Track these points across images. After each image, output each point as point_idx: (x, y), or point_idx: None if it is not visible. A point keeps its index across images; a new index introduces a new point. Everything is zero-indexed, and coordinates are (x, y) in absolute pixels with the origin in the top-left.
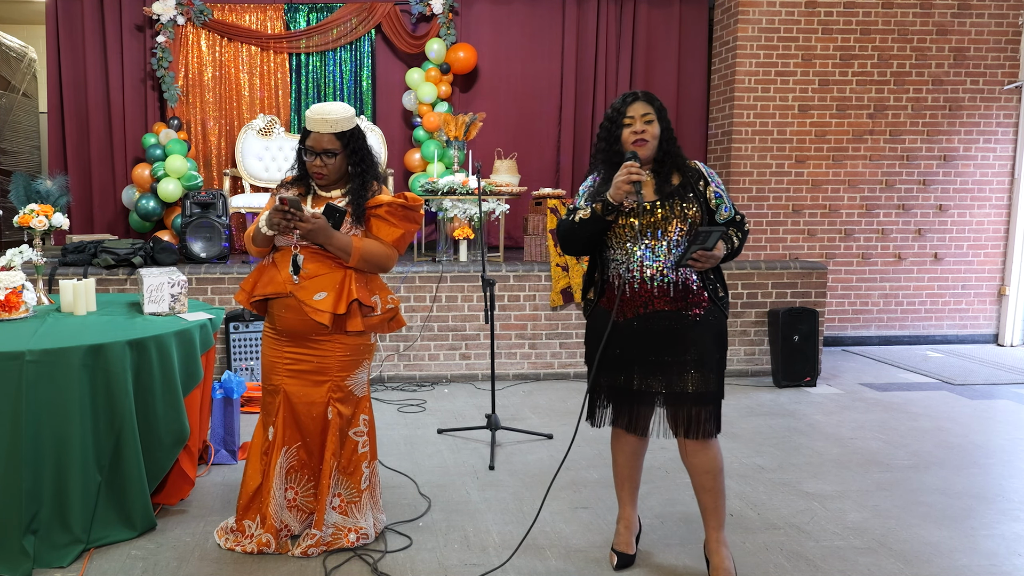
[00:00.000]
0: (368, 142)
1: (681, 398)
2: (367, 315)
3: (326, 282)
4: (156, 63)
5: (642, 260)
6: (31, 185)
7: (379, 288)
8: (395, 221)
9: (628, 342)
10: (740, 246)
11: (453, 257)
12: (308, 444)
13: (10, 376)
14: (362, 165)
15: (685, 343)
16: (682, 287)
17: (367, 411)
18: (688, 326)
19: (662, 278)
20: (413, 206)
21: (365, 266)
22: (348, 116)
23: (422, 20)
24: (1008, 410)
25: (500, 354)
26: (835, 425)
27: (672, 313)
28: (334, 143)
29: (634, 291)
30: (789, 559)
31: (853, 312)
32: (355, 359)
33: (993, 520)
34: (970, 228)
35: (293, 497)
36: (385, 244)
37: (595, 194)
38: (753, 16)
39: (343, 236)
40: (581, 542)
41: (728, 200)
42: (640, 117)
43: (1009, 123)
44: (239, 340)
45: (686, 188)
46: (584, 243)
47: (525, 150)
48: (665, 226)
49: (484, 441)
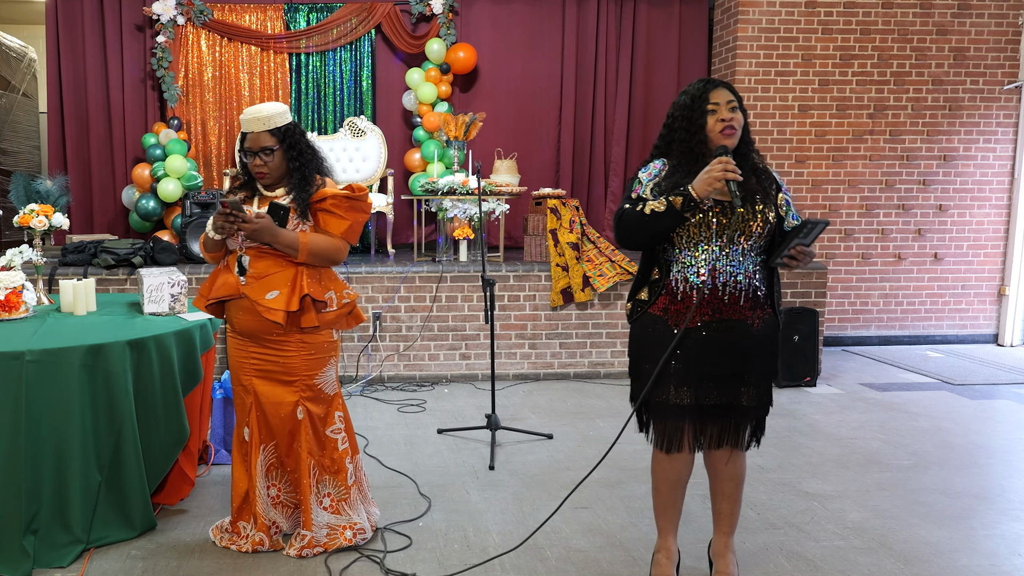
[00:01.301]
0: (307, 137)
1: (736, 411)
2: (322, 311)
3: (277, 280)
4: (156, 63)
5: (715, 264)
6: (31, 185)
7: (333, 283)
8: (341, 213)
9: (691, 353)
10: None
11: (453, 257)
12: (279, 444)
13: (10, 376)
14: (301, 159)
15: (749, 355)
16: (752, 295)
17: (340, 407)
18: (753, 337)
19: (735, 285)
20: (358, 196)
21: (315, 260)
22: (281, 112)
23: (422, 20)
24: (1008, 410)
25: (500, 354)
26: (835, 425)
27: (738, 323)
28: (270, 140)
29: (704, 297)
30: (789, 559)
31: (853, 312)
32: (320, 357)
33: (993, 520)
34: (970, 228)
35: (276, 494)
36: (333, 237)
37: (668, 186)
38: (753, 16)
39: (289, 233)
40: (581, 542)
41: (794, 209)
42: (726, 104)
43: (1009, 123)
44: None
45: (768, 189)
46: (651, 237)
47: (525, 150)
48: (744, 228)
49: (484, 441)
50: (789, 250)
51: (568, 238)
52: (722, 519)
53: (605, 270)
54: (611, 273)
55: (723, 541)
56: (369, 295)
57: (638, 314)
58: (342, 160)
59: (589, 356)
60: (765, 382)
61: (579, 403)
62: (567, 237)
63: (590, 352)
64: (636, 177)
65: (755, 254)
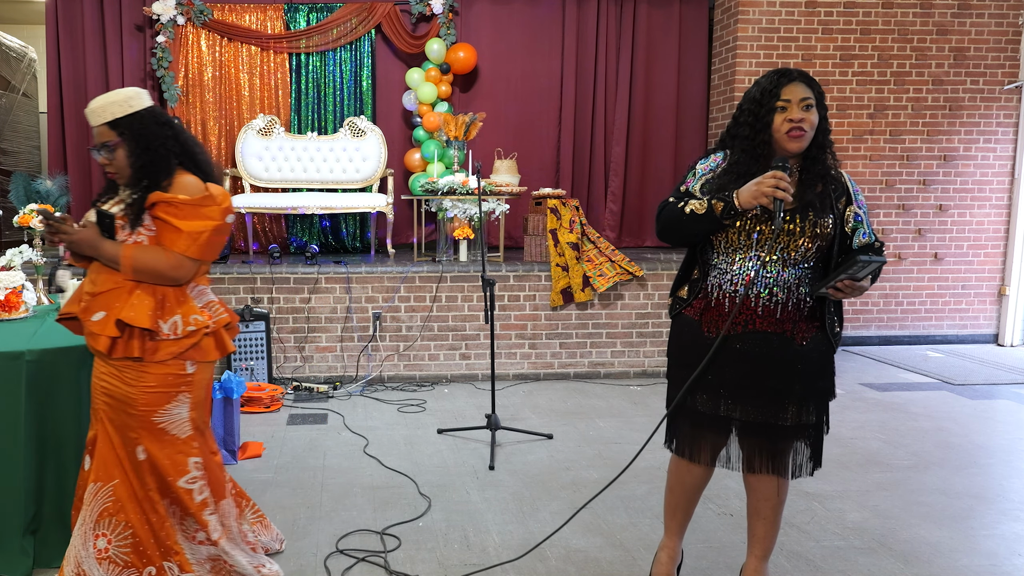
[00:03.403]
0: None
1: (773, 430)
2: (156, 338)
3: (109, 300)
4: (156, 63)
5: (748, 275)
6: (31, 185)
7: (182, 306)
8: (175, 221)
9: (723, 363)
10: (878, 274)
11: (453, 257)
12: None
13: (10, 376)
14: (147, 156)
15: (791, 372)
16: (792, 309)
17: (198, 452)
18: (795, 352)
19: (771, 297)
20: (195, 201)
21: (144, 277)
22: (116, 101)
23: (422, 20)
24: (1008, 410)
25: (500, 354)
26: (835, 425)
27: (776, 336)
28: (108, 134)
29: (734, 306)
30: (789, 559)
31: (853, 312)
32: (161, 392)
33: (993, 520)
34: (970, 228)
35: (105, 547)
36: (167, 250)
37: (719, 185)
38: (753, 16)
39: (113, 246)
40: (581, 542)
41: (868, 223)
42: (798, 102)
43: (1009, 123)
44: (239, 340)
45: (826, 201)
46: (687, 238)
47: (525, 150)
48: (790, 241)
49: (484, 441)
50: (836, 282)
51: (568, 238)
52: (756, 541)
53: (605, 270)
54: (611, 273)
55: (754, 565)
56: (369, 295)
57: (676, 312)
58: (342, 160)
59: (589, 356)
60: (810, 402)
61: (579, 403)
62: (567, 237)
63: (590, 352)
64: (693, 167)
65: (804, 267)
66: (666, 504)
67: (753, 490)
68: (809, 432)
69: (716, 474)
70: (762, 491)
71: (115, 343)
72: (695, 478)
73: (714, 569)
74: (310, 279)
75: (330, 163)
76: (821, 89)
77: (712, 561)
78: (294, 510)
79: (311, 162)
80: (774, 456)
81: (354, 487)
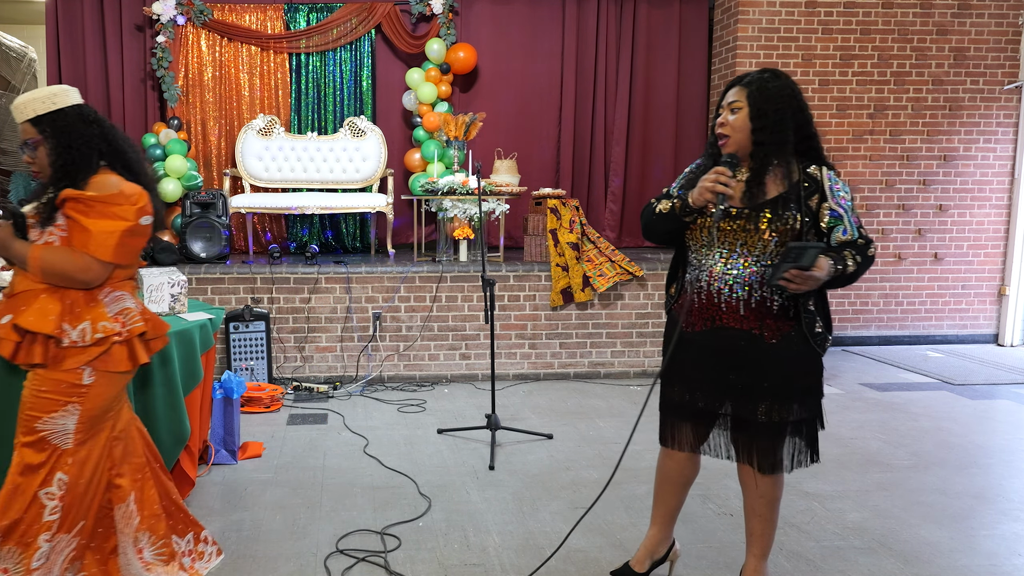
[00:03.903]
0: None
1: (751, 426)
2: (61, 345)
3: (18, 303)
4: (156, 63)
5: (711, 270)
6: (31, 185)
7: (92, 311)
8: (83, 220)
9: (696, 356)
10: (858, 272)
11: (453, 257)
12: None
13: (10, 377)
14: (67, 155)
15: (758, 369)
16: (756, 306)
17: (68, 469)
18: (763, 350)
19: (730, 293)
20: (105, 199)
21: (52, 279)
22: (39, 97)
23: (422, 20)
24: (1008, 410)
25: (500, 354)
26: (835, 425)
27: (742, 332)
28: (30, 131)
29: (702, 302)
30: (789, 559)
31: (853, 312)
32: (50, 398)
33: (993, 520)
34: (970, 228)
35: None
36: (76, 251)
37: (689, 184)
38: (753, 16)
39: (23, 245)
40: (581, 542)
41: (851, 220)
42: (727, 106)
43: (1009, 123)
44: (239, 340)
45: (787, 200)
46: (662, 236)
47: (525, 150)
48: (746, 238)
49: (484, 441)
50: (781, 274)
51: (568, 238)
52: (753, 539)
53: (605, 270)
54: (611, 273)
55: (753, 564)
56: (369, 295)
57: (668, 308)
58: (342, 160)
59: (589, 356)
60: (789, 401)
61: (579, 403)
62: (567, 237)
63: (590, 352)
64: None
65: (767, 264)
66: (653, 494)
67: (746, 487)
68: (794, 429)
69: (716, 474)
70: (752, 487)
71: (18, 348)
72: (673, 468)
73: (714, 569)
74: (310, 279)
75: (330, 163)
76: (767, 90)
77: (712, 561)
78: (294, 510)
79: (311, 162)
80: (751, 451)
81: (354, 487)
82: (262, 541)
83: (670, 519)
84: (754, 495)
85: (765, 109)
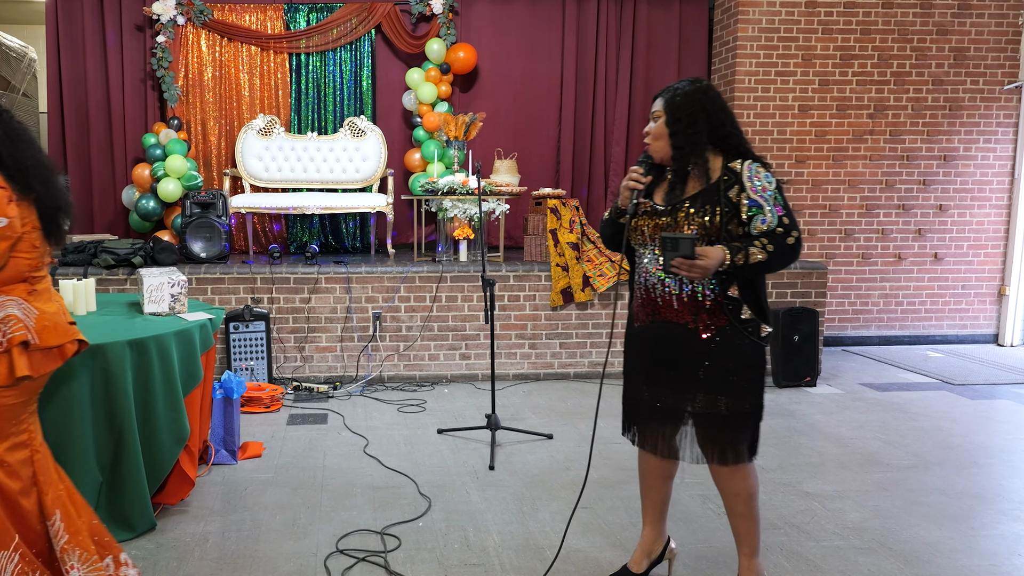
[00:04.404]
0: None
1: (686, 417)
2: None
3: None
4: (156, 63)
5: (646, 267)
6: None
7: None
8: None
9: (641, 351)
10: (773, 259)
11: (453, 257)
12: None
13: None
14: None
15: (694, 360)
16: (688, 300)
17: None
18: (698, 343)
19: (663, 288)
20: None
21: None
22: None
23: (422, 20)
24: (1008, 410)
25: (500, 354)
26: (835, 425)
27: (678, 327)
28: None
29: (644, 297)
30: (789, 559)
31: (853, 312)
32: None
33: (993, 520)
34: (970, 228)
35: None
36: None
37: None
38: (753, 16)
39: None
40: (581, 542)
41: (772, 209)
42: (652, 116)
43: (1009, 123)
44: (239, 340)
45: (707, 195)
46: (613, 241)
47: (525, 150)
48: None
49: (484, 441)
50: (670, 262)
51: (568, 238)
52: (739, 539)
53: (605, 270)
54: (611, 273)
55: (745, 564)
56: (369, 295)
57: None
58: (342, 160)
59: (589, 356)
60: (722, 395)
61: (579, 403)
62: (567, 237)
63: (590, 352)
64: None
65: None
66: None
67: (721, 490)
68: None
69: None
70: (722, 487)
71: None
72: (646, 464)
73: (714, 569)
74: (310, 279)
75: (330, 163)
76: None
77: (712, 561)
78: (294, 510)
79: (311, 162)
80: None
81: (354, 487)
82: (262, 541)
83: (660, 515)
84: (725, 494)
85: (678, 116)
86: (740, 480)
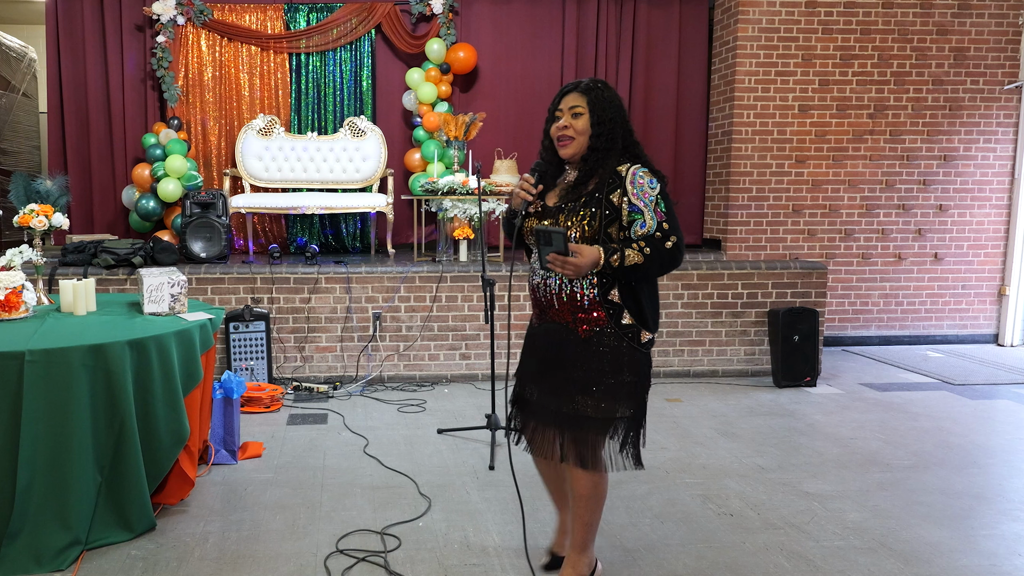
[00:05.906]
0: None
1: (560, 417)
2: None
3: None
4: (156, 63)
5: (535, 267)
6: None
7: None
8: None
9: (531, 350)
10: (650, 263)
11: (453, 257)
12: None
13: (10, 376)
14: None
15: (570, 360)
16: (567, 300)
17: None
18: (575, 342)
19: (547, 288)
20: None
21: None
22: None
23: (422, 20)
24: (1008, 410)
25: (500, 354)
26: (835, 425)
27: (562, 326)
28: None
29: (533, 298)
30: (789, 559)
31: (853, 312)
32: None
33: (993, 520)
34: (970, 228)
35: None
36: None
37: None
38: (753, 16)
39: None
40: None
41: (652, 214)
42: (568, 110)
43: (1009, 123)
44: (239, 340)
45: (593, 197)
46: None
47: (525, 150)
48: None
49: (484, 441)
50: (544, 257)
51: None
52: (571, 535)
53: None
54: None
55: (571, 557)
56: (369, 295)
57: None
58: (342, 160)
59: None
60: (589, 394)
61: None
62: None
63: None
64: None
65: None
66: None
67: (571, 486)
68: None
69: (716, 474)
70: (574, 489)
71: None
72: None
73: (714, 569)
74: (310, 279)
75: (330, 163)
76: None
77: (712, 561)
78: (294, 510)
79: (311, 162)
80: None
81: (354, 487)
82: (262, 541)
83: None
84: (574, 495)
85: (603, 117)
86: (587, 483)
